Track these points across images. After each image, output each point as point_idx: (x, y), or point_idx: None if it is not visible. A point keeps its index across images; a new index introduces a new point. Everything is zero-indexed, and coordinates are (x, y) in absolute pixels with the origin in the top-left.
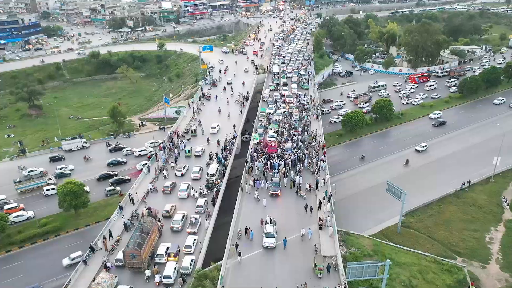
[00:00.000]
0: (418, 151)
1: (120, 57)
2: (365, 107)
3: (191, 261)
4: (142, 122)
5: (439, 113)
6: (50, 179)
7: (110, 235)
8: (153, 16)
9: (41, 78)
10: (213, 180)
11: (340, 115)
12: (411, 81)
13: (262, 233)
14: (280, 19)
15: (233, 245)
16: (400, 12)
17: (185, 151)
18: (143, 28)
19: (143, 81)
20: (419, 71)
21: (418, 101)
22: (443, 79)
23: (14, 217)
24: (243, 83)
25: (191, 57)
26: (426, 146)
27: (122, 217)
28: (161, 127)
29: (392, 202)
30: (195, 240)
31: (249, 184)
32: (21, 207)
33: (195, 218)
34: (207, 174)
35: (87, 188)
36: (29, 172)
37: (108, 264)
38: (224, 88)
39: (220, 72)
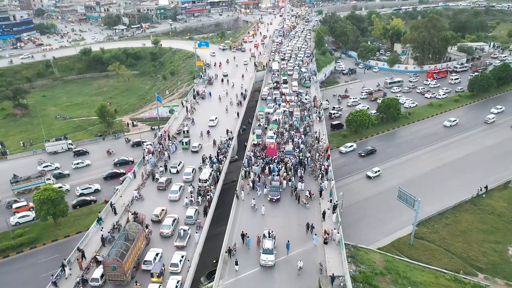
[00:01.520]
0: (369, 177)
1: (112, 54)
2: None
3: (177, 282)
4: (133, 122)
5: (352, 145)
6: (49, 179)
7: (83, 256)
8: (150, 13)
9: (29, 76)
10: (205, 187)
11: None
12: (428, 77)
13: (259, 249)
14: (280, 16)
15: (226, 252)
16: (403, 9)
17: (183, 143)
18: (139, 25)
19: (136, 79)
20: (425, 68)
21: (443, 95)
22: (462, 74)
23: (19, 217)
24: (242, 76)
25: (187, 54)
26: (379, 171)
27: (101, 230)
28: (153, 127)
29: (402, 209)
30: (182, 257)
31: (248, 185)
32: (30, 205)
33: (184, 230)
34: (199, 179)
35: (97, 187)
36: (43, 167)
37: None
38: (222, 80)
39: (214, 65)
